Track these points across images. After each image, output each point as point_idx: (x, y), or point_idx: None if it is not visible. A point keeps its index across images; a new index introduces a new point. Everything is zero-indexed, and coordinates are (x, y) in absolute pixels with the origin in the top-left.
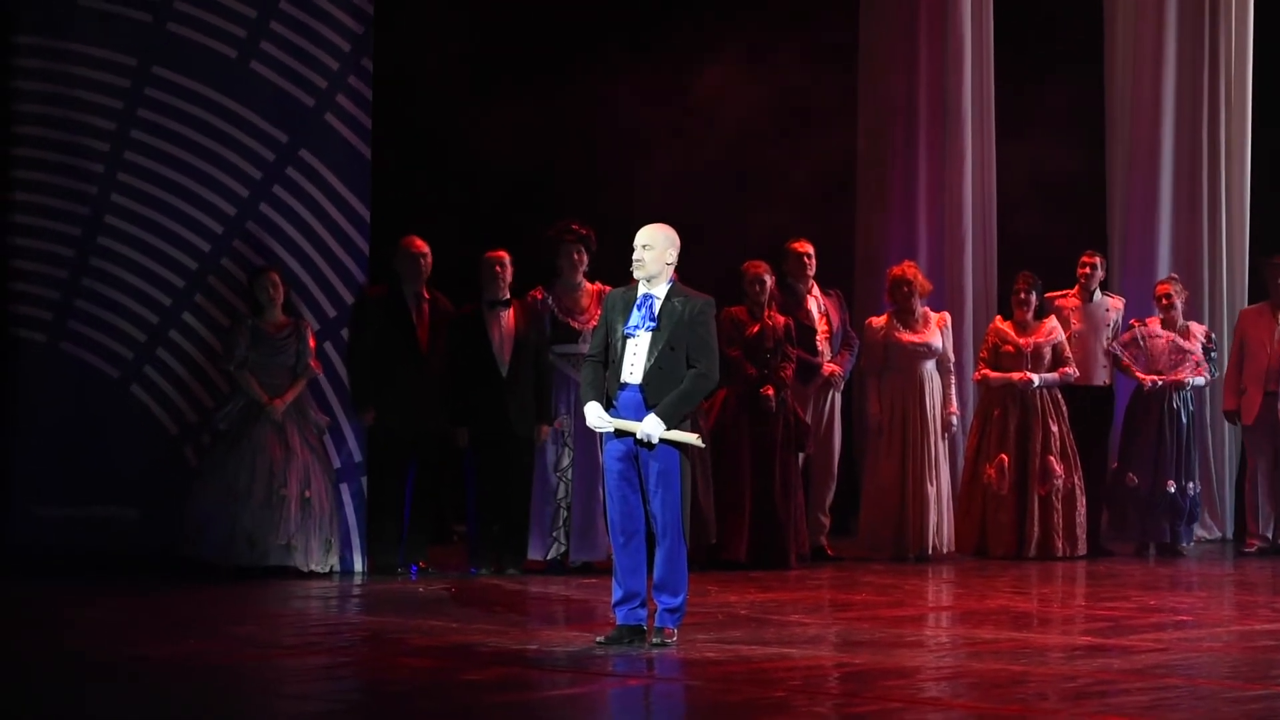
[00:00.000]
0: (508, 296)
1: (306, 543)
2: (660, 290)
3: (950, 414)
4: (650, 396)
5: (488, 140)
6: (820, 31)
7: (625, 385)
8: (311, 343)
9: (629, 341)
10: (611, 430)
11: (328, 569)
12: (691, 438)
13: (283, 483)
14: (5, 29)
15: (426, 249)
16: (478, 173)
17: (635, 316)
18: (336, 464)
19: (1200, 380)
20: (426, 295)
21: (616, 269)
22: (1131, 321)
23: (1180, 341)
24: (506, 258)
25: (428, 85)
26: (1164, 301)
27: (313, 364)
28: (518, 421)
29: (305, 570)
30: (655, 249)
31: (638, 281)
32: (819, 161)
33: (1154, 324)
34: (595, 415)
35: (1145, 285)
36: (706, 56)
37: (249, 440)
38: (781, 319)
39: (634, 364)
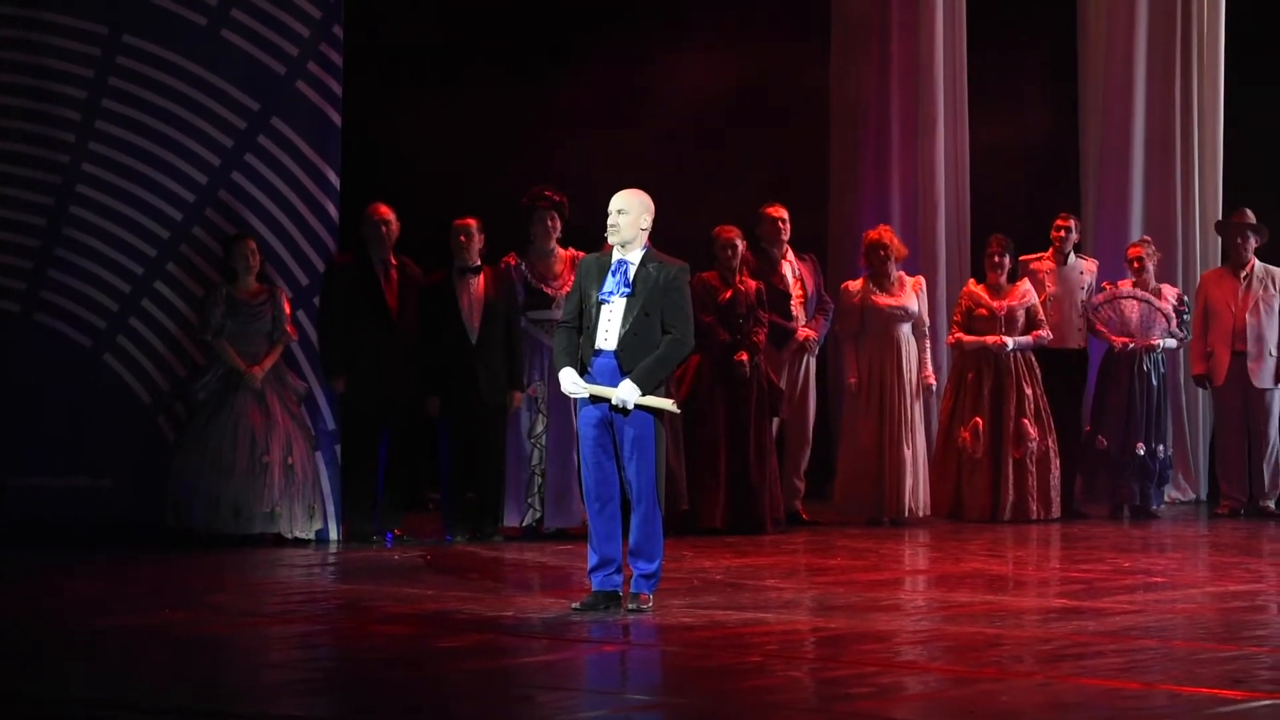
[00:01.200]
0: (477, 263)
1: (290, 509)
2: (635, 256)
3: (928, 379)
4: (625, 363)
5: (457, 109)
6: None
7: (600, 351)
8: (287, 309)
9: (603, 307)
10: (586, 396)
11: (311, 535)
12: (667, 403)
13: (265, 450)
14: None
15: (392, 216)
16: (449, 140)
17: (610, 282)
18: (312, 432)
19: (1172, 342)
20: (394, 262)
21: (591, 237)
22: (1104, 284)
23: (1153, 303)
24: (474, 225)
25: (397, 55)
26: (1135, 265)
27: (289, 330)
28: (488, 389)
29: (290, 536)
30: (630, 214)
31: (612, 247)
32: (792, 129)
33: (1126, 286)
34: (570, 381)
35: (1119, 248)
36: (681, 31)
37: (229, 409)
38: (753, 284)
39: (608, 330)
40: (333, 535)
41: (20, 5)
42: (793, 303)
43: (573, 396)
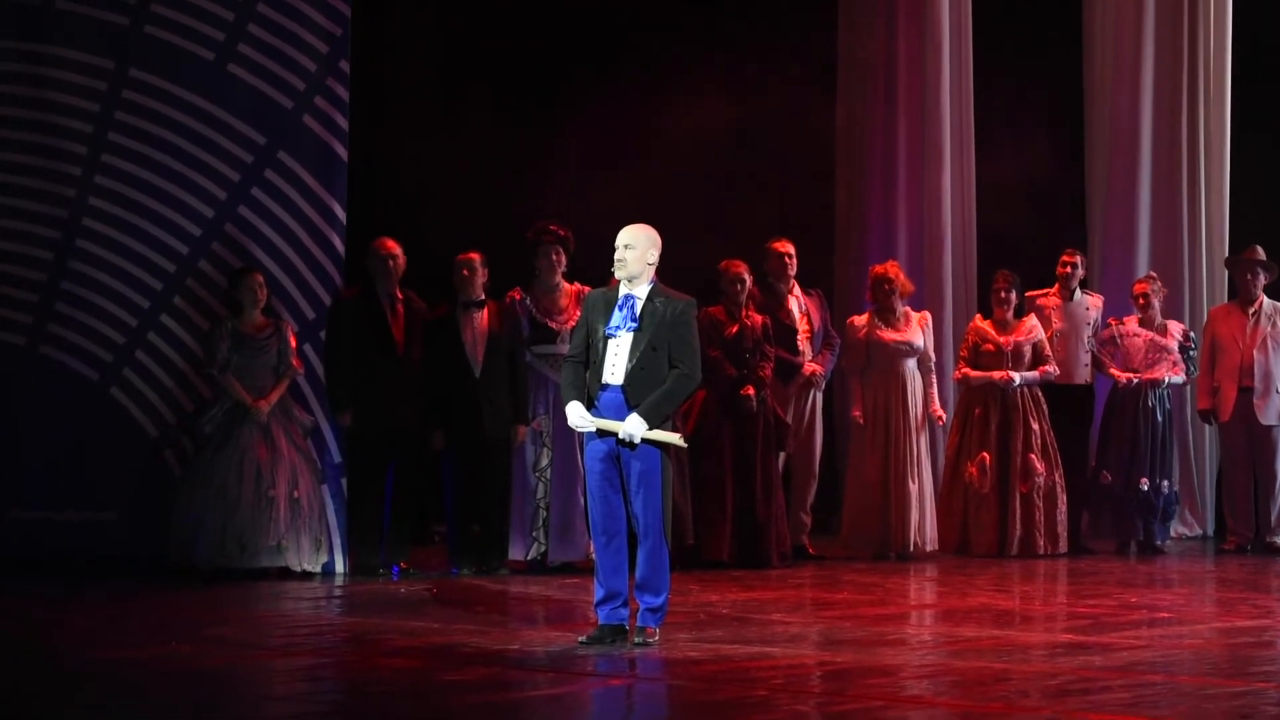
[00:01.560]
0: (481, 297)
1: (297, 542)
2: (641, 291)
3: (937, 415)
4: (632, 397)
5: (461, 143)
6: (798, 36)
7: (607, 386)
8: (293, 342)
9: (610, 342)
10: (593, 430)
11: (319, 567)
12: (674, 437)
13: (270, 484)
14: None
15: (398, 250)
16: (454, 175)
17: (616, 317)
18: (319, 465)
19: (1178, 379)
20: (400, 296)
21: (594, 272)
22: (1109, 320)
23: (1158, 339)
24: (478, 259)
25: (404, 88)
26: (1140, 301)
27: (294, 363)
28: (491, 423)
29: (298, 570)
30: (637, 249)
31: (618, 282)
32: (799, 162)
33: (1131, 322)
34: (577, 415)
35: (1125, 284)
36: (691, 66)
37: (235, 443)
38: (759, 318)
39: (615, 365)
40: (338, 568)
41: (26, 39)
42: (799, 338)
43: (579, 430)
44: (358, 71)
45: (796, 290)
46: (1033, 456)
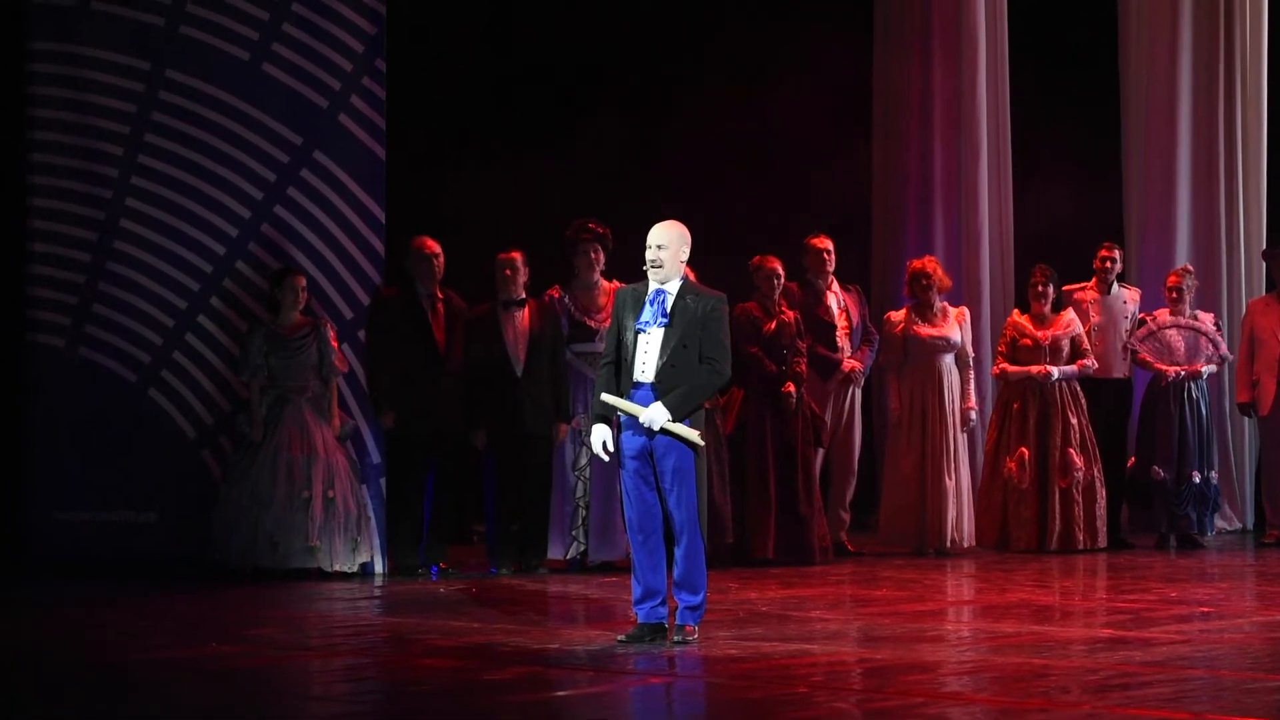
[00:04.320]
0: (522, 296)
1: (331, 543)
2: (673, 286)
3: (969, 409)
4: (663, 396)
5: (502, 143)
6: (835, 27)
7: (639, 385)
8: (334, 342)
9: (640, 337)
10: (604, 447)
11: (355, 568)
12: (692, 434)
13: (305, 484)
14: (20, 34)
15: (438, 249)
16: (494, 176)
17: (647, 312)
18: (358, 466)
19: (1212, 367)
20: (440, 295)
21: (632, 269)
22: (1141, 315)
23: (1194, 325)
24: (519, 258)
25: (442, 86)
26: (1173, 294)
27: (338, 363)
28: (533, 421)
29: (329, 570)
30: (670, 248)
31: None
32: (837, 162)
33: (1162, 315)
34: (599, 442)
35: (1163, 277)
36: (726, 65)
37: (271, 443)
38: (791, 314)
39: (645, 362)
40: (378, 568)
41: (62, 41)
42: (838, 334)
43: (599, 454)
44: (394, 71)
45: (835, 286)
46: (1071, 451)
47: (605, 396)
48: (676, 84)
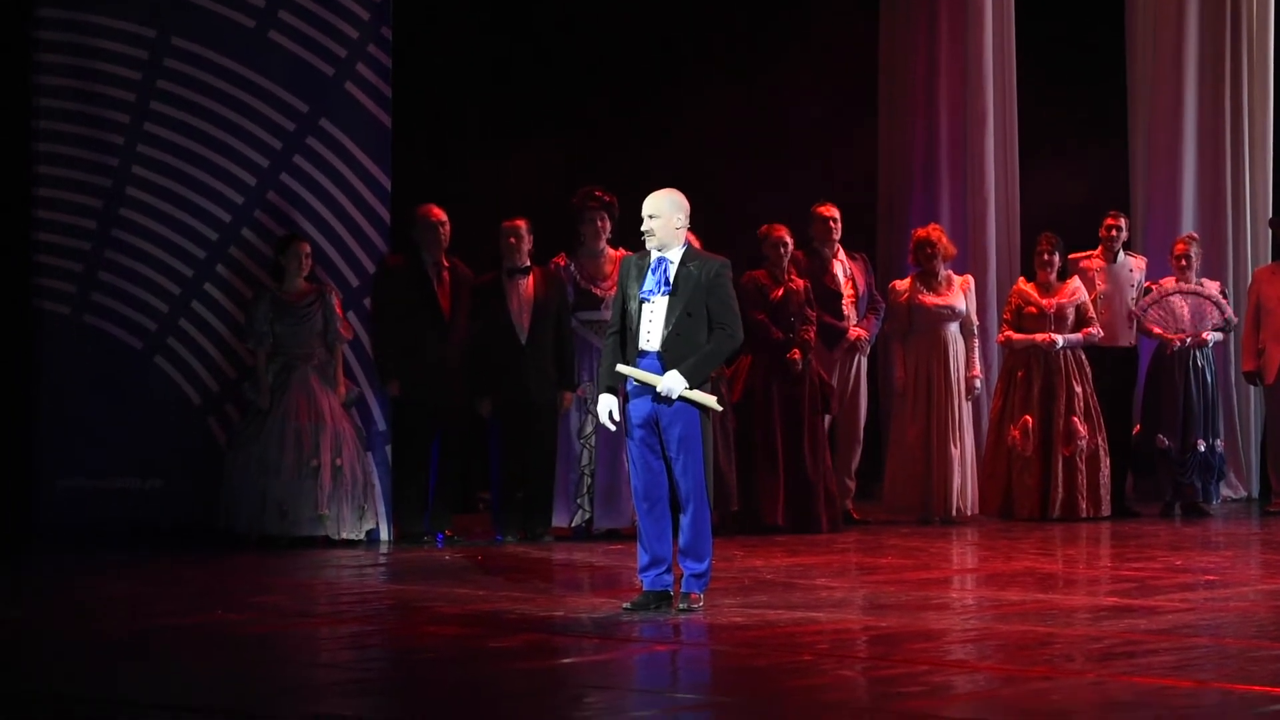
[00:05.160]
0: (527, 264)
1: (339, 511)
2: (675, 254)
3: (974, 377)
4: (669, 364)
5: (510, 113)
6: (842, 2)
7: (644, 353)
8: (339, 309)
9: (644, 306)
10: (609, 416)
11: (361, 535)
12: (710, 400)
13: (314, 453)
14: (26, 3)
15: (444, 217)
16: (502, 133)
17: (650, 280)
18: (363, 434)
19: (1218, 335)
20: (446, 264)
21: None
22: (1147, 284)
23: (1201, 292)
24: (524, 226)
25: (449, 54)
26: (1181, 262)
27: (342, 330)
28: (537, 389)
29: (337, 538)
30: (662, 217)
31: None
32: (844, 134)
33: (1169, 283)
34: (605, 412)
35: (1168, 245)
36: (742, 45)
37: (279, 410)
38: (801, 282)
39: (650, 331)
40: (384, 536)
41: (68, 8)
42: (844, 302)
43: (606, 424)
44: (400, 39)
45: (841, 254)
46: (1075, 419)
47: (620, 367)
48: (684, 58)
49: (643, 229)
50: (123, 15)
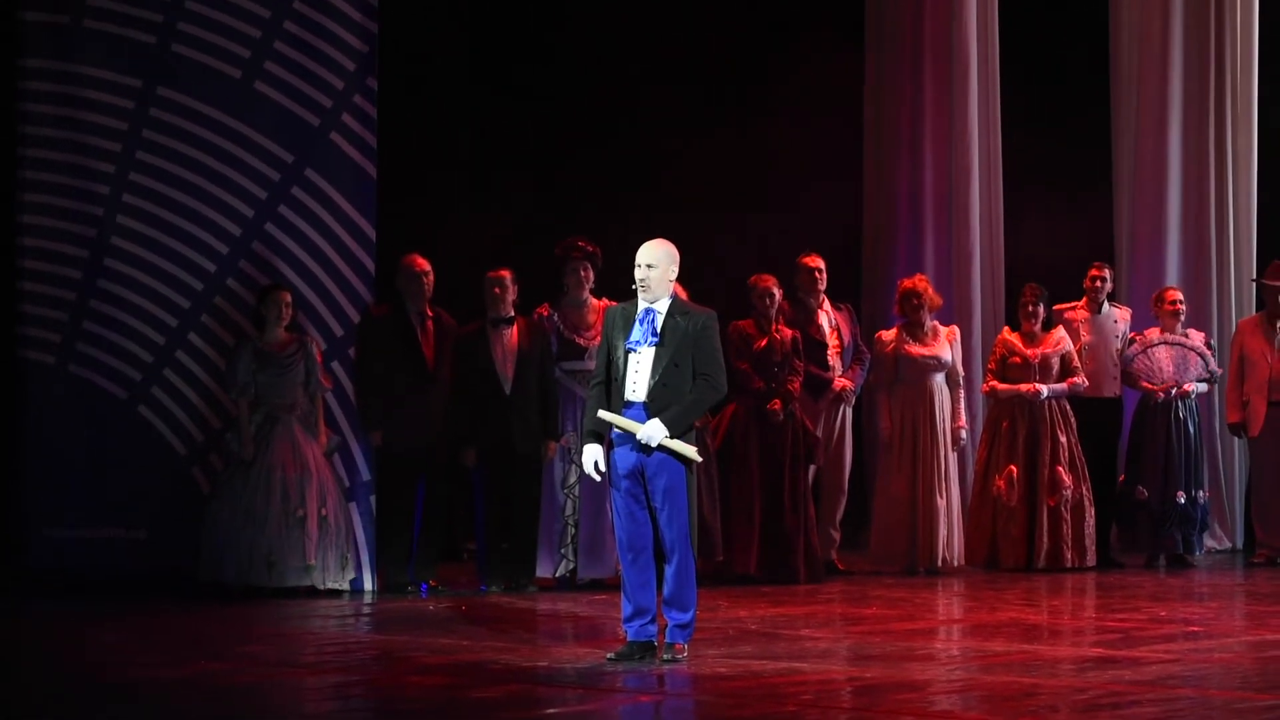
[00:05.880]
0: (511, 314)
1: (324, 560)
2: (662, 305)
3: (959, 428)
4: (654, 415)
5: (493, 162)
6: (825, 47)
7: (630, 404)
8: (319, 358)
9: (631, 357)
10: (596, 466)
11: (345, 585)
12: (690, 450)
13: (299, 503)
14: (12, 52)
15: (429, 267)
16: (486, 185)
17: (637, 331)
18: (346, 483)
19: (1203, 386)
20: (430, 313)
21: (621, 289)
22: (1131, 335)
23: (1184, 343)
24: (508, 276)
25: (431, 105)
26: (1176, 307)
27: (323, 380)
28: (521, 439)
29: (322, 588)
30: (659, 268)
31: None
32: (828, 182)
33: (1153, 334)
34: (590, 461)
35: (1152, 297)
36: (728, 91)
37: (264, 461)
38: (789, 332)
39: (636, 381)
40: (367, 586)
41: (55, 58)
42: (829, 352)
43: (588, 470)
44: (385, 89)
45: (826, 305)
46: (1060, 469)
47: (602, 413)
48: (668, 109)
49: (638, 278)
50: (109, 65)
